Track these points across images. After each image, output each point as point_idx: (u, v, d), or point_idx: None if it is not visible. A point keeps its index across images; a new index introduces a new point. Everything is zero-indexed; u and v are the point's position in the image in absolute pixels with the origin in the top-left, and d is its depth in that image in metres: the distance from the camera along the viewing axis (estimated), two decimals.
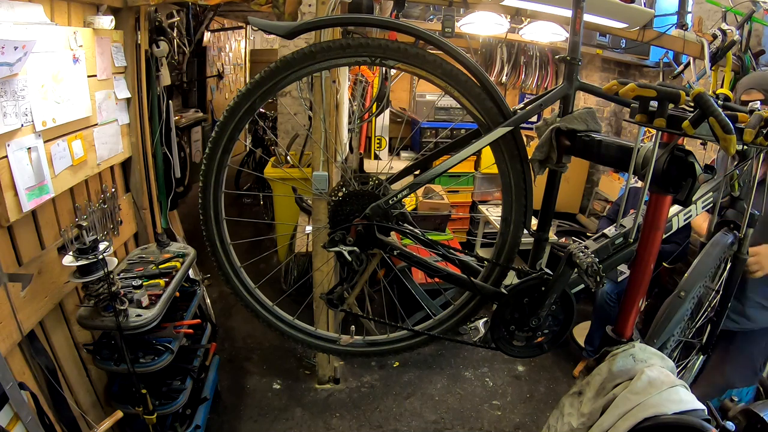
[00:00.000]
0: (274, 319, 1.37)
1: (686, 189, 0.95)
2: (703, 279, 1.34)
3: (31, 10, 1.49)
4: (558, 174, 1.18)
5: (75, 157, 1.71)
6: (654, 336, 1.28)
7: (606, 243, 1.16)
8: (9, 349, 1.42)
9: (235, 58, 6.66)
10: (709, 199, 1.31)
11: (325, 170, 2.08)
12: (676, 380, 1.01)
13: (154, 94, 2.36)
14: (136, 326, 1.65)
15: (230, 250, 1.30)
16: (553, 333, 1.27)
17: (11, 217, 1.41)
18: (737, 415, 1.05)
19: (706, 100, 0.78)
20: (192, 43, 4.02)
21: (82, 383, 1.85)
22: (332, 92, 1.98)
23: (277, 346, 2.87)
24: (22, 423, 1.31)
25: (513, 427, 2.40)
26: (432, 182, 3.40)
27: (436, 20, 3.20)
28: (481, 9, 2.47)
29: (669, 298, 1.31)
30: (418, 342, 1.39)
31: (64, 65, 1.61)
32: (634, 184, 2.77)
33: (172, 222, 2.71)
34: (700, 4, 2.63)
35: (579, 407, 1.10)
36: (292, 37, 1.06)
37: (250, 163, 5.20)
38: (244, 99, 1.12)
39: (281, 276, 3.29)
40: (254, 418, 2.36)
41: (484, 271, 1.31)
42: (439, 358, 2.88)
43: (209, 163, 1.17)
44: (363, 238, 1.13)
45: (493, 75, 4.03)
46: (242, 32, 6.79)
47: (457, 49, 1.10)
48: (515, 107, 1.20)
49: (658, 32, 2.13)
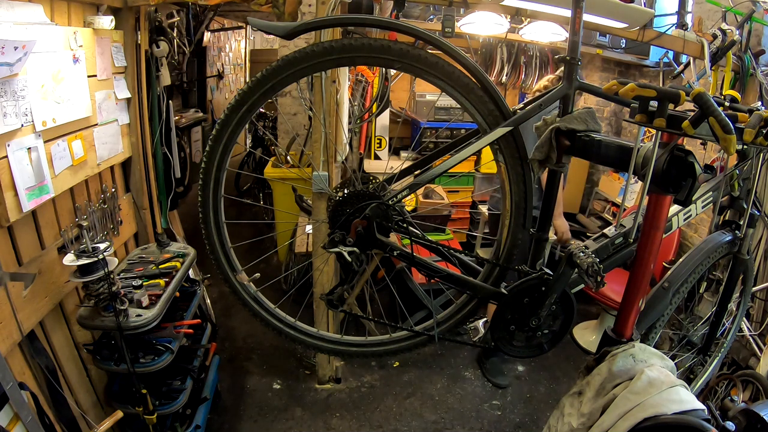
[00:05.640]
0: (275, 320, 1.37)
1: (686, 189, 0.95)
2: (690, 273, 1.34)
3: (31, 10, 1.48)
4: (558, 174, 1.18)
5: (75, 157, 1.71)
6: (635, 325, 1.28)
7: (606, 243, 1.16)
8: (9, 349, 1.41)
9: (235, 58, 6.66)
10: (709, 198, 1.32)
11: (325, 170, 2.08)
12: (676, 380, 1.01)
13: (154, 94, 2.36)
14: (136, 326, 1.65)
15: (230, 253, 1.30)
16: (553, 333, 1.27)
17: (11, 217, 1.41)
18: (737, 415, 1.05)
19: (706, 100, 0.78)
20: (192, 43, 4.02)
21: (82, 383, 1.85)
22: (332, 92, 1.98)
23: (277, 346, 2.87)
24: (22, 423, 1.31)
25: (513, 427, 2.40)
26: (432, 182, 3.41)
27: (436, 20, 3.20)
28: (481, 9, 2.46)
29: (653, 289, 1.32)
30: (418, 342, 1.39)
31: (64, 65, 1.61)
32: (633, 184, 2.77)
33: (172, 222, 2.71)
34: (700, 4, 2.62)
35: (579, 407, 1.10)
36: (292, 37, 1.06)
37: (249, 164, 5.20)
38: (245, 97, 1.12)
39: (281, 276, 3.29)
40: (254, 418, 2.36)
41: (484, 271, 1.31)
42: (439, 358, 2.88)
43: (209, 162, 1.18)
44: (363, 238, 1.13)
45: (493, 75, 4.02)
46: (242, 32, 6.80)
47: (456, 49, 1.10)
48: (515, 107, 1.20)
49: (658, 32, 2.13)
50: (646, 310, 1.27)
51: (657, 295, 1.30)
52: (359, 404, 2.49)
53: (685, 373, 1.60)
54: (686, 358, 1.60)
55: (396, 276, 2.90)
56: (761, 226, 2.23)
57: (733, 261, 1.49)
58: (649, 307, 1.28)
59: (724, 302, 1.54)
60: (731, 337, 1.70)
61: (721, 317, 1.55)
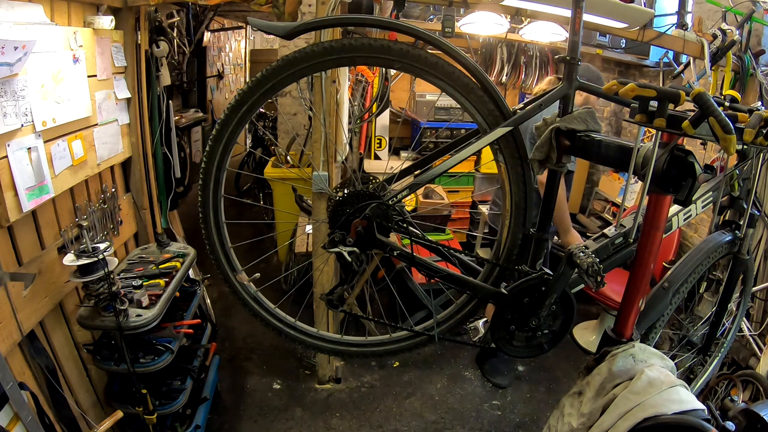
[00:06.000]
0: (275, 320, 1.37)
1: (686, 189, 0.95)
2: (690, 273, 1.34)
3: (31, 10, 1.49)
4: (558, 174, 1.18)
5: (75, 157, 1.71)
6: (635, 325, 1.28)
7: (606, 243, 1.16)
8: (9, 349, 1.41)
9: (235, 58, 6.66)
10: (709, 198, 1.32)
11: (325, 170, 2.08)
12: (676, 380, 1.01)
13: (154, 94, 2.36)
14: (136, 326, 1.65)
15: (230, 253, 1.30)
16: (553, 333, 1.27)
17: (11, 217, 1.41)
18: (737, 415, 1.06)
19: (706, 100, 0.78)
20: (192, 43, 4.02)
21: (82, 383, 1.85)
22: (332, 92, 1.98)
23: (277, 346, 2.87)
24: (22, 423, 1.31)
25: (513, 427, 2.40)
26: (432, 182, 3.41)
27: (436, 20, 3.20)
28: (481, 9, 2.46)
29: (653, 289, 1.32)
30: (418, 342, 1.39)
31: (64, 65, 1.61)
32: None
33: (172, 222, 2.71)
34: (700, 4, 2.62)
35: (579, 407, 1.10)
36: (292, 37, 1.06)
37: (249, 164, 5.20)
38: (245, 97, 1.12)
39: (281, 276, 3.29)
40: (254, 418, 2.36)
41: (484, 271, 1.31)
42: (439, 358, 2.88)
43: (209, 162, 1.18)
44: (363, 238, 1.13)
45: (493, 75, 4.02)
46: (242, 32, 6.80)
47: (456, 49, 1.10)
48: (515, 107, 1.20)
49: (658, 32, 2.13)
50: (646, 310, 1.27)
51: (657, 295, 1.30)
52: (359, 404, 2.49)
53: (685, 373, 1.60)
54: (686, 358, 1.60)
55: (396, 276, 2.90)
56: (761, 226, 2.23)
57: (733, 261, 1.49)
58: (649, 307, 1.28)
59: (724, 302, 1.54)
60: (731, 337, 1.70)
61: (721, 317, 1.55)
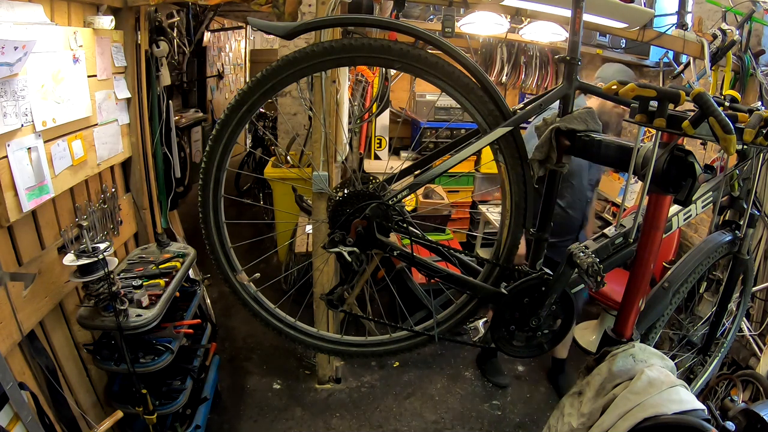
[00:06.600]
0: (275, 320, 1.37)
1: (686, 189, 0.95)
2: (690, 273, 1.34)
3: (31, 10, 1.48)
4: (558, 174, 1.18)
5: (75, 157, 1.71)
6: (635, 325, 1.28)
7: (606, 243, 1.16)
8: (9, 349, 1.41)
9: (235, 58, 6.66)
10: (709, 198, 1.32)
11: (325, 170, 2.08)
12: (676, 380, 1.01)
13: (154, 94, 2.36)
14: (136, 326, 1.65)
15: (230, 253, 1.30)
16: (553, 333, 1.27)
17: (11, 217, 1.41)
18: (737, 415, 1.05)
19: (706, 100, 0.78)
20: (192, 43, 4.02)
21: (82, 383, 1.85)
22: (332, 92, 1.98)
23: (277, 346, 2.87)
24: (22, 423, 1.31)
25: (513, 427, 2.40)
26: (432, 182, 3.41)
27: (436, 20, 3.20)
28: (481, 9, 2.46)
29: (653, 289, 1.32)
30: (418, 342, 1.39)
31: (64, 65, 1.61)
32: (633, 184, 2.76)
33: (172, 222, 2.71)
34: (700, 4, 2.62)
35: (579, 407, 1.10)
36: (292, 37, 1.06)
37: (249, 164, 5.20)
38: (245, 97, 1.12)
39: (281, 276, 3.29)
40: (254, 418, 2.36)
41: (484, 271, 1.31)
42: (439, 358, 2.88)
43: (209, 162, 1.18)
44: (363, 238, 1.13)
45: (493, 75, 4.02)
46: (242, 32, 6.80)
47: (456, 49, 1.10)
48: (515, 107, 1.20)
49: (658, 32, 2.13)
50: (646, 310, 1.27)
51: (657, 295, 1.30)
52: (359, 404, 2.49)
53: (685, 373, 1.60)
54: (686, 358, 1.60)
55: (396, 276, 2.90)
56: (761, 226, 2.23)
57: (733, 261, 1.49)
58: (649, 307, 1.28)
59: (724, 302, 1.54)
60: (731, 337, 1.70)
61: (721, 317, 1.55)
